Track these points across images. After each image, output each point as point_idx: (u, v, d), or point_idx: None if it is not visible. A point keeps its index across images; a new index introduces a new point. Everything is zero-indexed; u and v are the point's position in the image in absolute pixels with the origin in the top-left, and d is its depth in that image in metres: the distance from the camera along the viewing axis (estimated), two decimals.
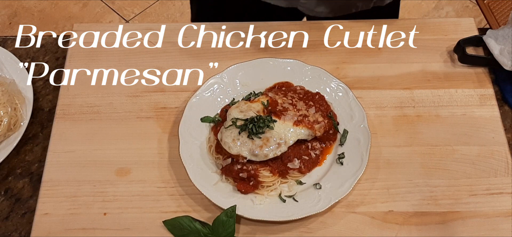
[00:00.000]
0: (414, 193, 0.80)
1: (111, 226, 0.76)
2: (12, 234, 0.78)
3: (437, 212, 0.78)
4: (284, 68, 0.90)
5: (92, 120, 0.87)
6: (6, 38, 0.98)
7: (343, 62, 0.94)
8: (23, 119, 0.86)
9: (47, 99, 0.91)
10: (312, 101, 0.84)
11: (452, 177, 0.81)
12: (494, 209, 0.78)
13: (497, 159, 0.83)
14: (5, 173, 0.83)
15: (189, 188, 0.78)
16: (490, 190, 0.80)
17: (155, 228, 0.76)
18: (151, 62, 0.93)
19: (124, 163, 0.82)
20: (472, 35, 0.95)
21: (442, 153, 0.84)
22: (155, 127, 0.86)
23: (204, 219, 0.76)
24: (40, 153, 0.85)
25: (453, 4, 2.38)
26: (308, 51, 0.95)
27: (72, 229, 0.76)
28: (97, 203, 0.78)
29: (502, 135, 0.85)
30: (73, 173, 0.81)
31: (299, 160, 0.80)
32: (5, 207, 0.80)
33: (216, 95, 0.88)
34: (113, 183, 0.80)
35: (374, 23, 0.98)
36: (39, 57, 0.97)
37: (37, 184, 0.81)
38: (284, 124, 0.80)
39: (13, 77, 0.90)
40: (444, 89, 0.91)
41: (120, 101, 0.89)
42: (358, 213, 0.78)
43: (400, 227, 0.77)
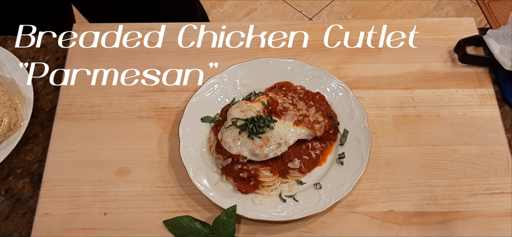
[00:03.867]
0: (414, 193, 0.80)
1: (112, 226, 0.76)
2: (12, 233, 0.78)
3: (437, 212, 0.78)
4: (284, 68, 0.90)
5: (93, 120, 0.87)
6: (6, 38, 0.99)
7: (343, 62, 0.94)
8: (24, 119, 0.86)
9: (47, 99, 0.91)
10: (313, 101, 0.84)
11: (452, 177, 0.81)
12: (494, 209, 0.78)
13: (497, 159, 0.83)
14: (5, 173, 0.83)
15: (189, 188, 0.79)
16: (490, 190, 0.80)
17: (155, 228, 0.76)
18: (151, 62, 0.94)
19: (125, 163, 0.82)
20: (472, 35, 0.95)
21: (442, 153, 0.84)
22: (156, 127, 0.86)
23: (205, 219, 0.77)
24: (40, 153, 0.85)
25: (453, 4, 2.38)
26: (308, 51, 0.95)
27: (72, 229, 0.76)
28: (97, 203, 0.78)
29: (503, 135, 0.85)
30: (73, 173, 0.81)
31: (300, 160, 0.80)
32: (6, 207, 0.80)
33: (216, 95, 0.88)
34: (114, 183, 0.80)
35: (374, 23, 0.98)
36: (39, 57, 0.97)
37: (38, 184, 0.81)
38: (284, 124, 0.80)
39: (13, 77, 0.90)
40: (445, 89, 0.91)
41: (120, 101, 0.89)
42: (358, 213, 0.78)
43: (400, 227, 0.77)
